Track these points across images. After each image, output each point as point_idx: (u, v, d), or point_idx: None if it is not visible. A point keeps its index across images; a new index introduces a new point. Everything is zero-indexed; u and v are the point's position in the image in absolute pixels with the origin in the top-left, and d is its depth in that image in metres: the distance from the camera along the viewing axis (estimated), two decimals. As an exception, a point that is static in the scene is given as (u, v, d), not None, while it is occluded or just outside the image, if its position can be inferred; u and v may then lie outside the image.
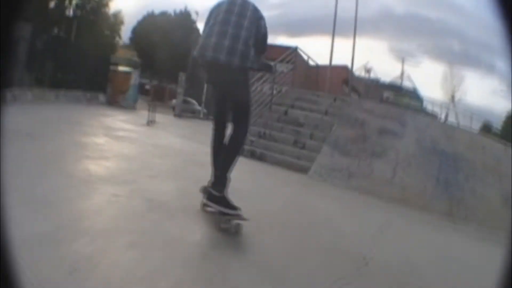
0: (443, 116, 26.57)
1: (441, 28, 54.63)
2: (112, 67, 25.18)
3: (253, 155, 10.36)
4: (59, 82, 20.51)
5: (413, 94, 33.74)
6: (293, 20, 63.02)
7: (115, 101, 23.42)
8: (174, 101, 32.42)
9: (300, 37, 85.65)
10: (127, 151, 8.14)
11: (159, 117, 16.34)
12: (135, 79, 25.64)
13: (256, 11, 4.30)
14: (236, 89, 4.25)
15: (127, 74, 25.50)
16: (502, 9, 1.76)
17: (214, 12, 4.36)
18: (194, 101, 34.22)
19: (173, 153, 9.12)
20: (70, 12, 33.37)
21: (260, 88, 13.14)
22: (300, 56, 18.94)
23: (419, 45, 66.71)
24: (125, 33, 45.86)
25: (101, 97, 23.47)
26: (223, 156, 4.20)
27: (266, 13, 4.43)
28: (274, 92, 13.01)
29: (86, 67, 22.50)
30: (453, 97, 38.69)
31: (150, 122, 14.66)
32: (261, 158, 10.32)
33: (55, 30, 29.70)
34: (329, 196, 7.95)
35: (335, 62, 27.41)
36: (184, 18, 49.80)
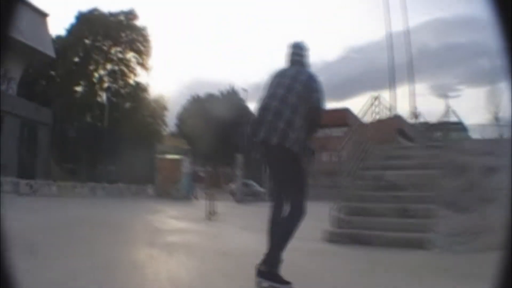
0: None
1: (472, 50, 54.90)
2: (159, 155, 22.74)
3: (353, 240, 8.26)
4: (99, 175, 18.49)
5: (459, 127, 33.23)
6: (337, 83, 63.76)
7: (166, 193, 20.63)
8: (232, 185, 30.17)
9: (347, 98, 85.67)
10: (183, 272, 4.74)
11: (219, 205, 13.06)
12: (186, 166, 22.94)
13: (309, 83, 4.12)
14: (282, 168, 4.13)
15: (177, 161, 22.90)
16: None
17: (267, 84, 4.29)
18: (254, 183, 31.14)
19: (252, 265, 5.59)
20: (103, 97, 32.06)
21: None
22: (352, 115, 17.12)
23: (455, 76, 68.86)
24: (171, 120, 44.28)
25: (149, 189, 20.85)
26: (276, 235, 4.06)
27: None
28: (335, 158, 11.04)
29: (129, 157, 20.27)
30: (497, 116, 37.31)
31: (211, 215, 11.32)
32: (363, 241, 8.21)
33: (88, 118, 28.12)
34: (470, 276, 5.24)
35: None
36: (232, 97, 48.23)
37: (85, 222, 8.53)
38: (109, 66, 36.57)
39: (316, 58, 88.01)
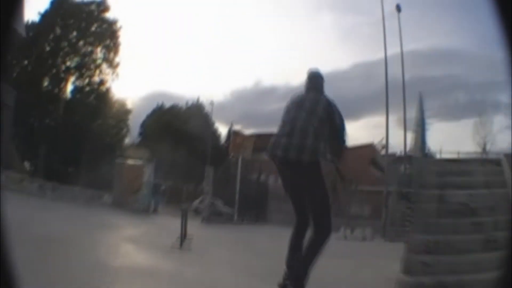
0: None
1: (447, 84, 55.22)
2: (119, 160, 19.99)
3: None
4: (55, 174, 17.46)
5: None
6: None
7: (124, 203, 17.82)
8: (195, 202, 27.53)
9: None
10: None
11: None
12: (149, 175, 20.18)
13: (328, 106, 4.31)
14: (309, 186, 4.15)
15: (139, 168, 20.12)
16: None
17: (287, 108, 4.46)
18: (219, 202, 28.39)
19: None
20: (67, 93, 29.63)
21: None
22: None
23: (426, 109, 68.44)
24: (134, 129, 41.61)
25: (106, 197, 18.13)
26: (304, 257, 4.04)
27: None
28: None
29: (88, 159, 18.03)
30: (484, 148, 38.18)
31: (184, 242, 8.35)
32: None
33: (54, 112, 25.83)
34: None
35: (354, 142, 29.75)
36: (197, 110, 46.21)
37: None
38: (76, 59, 34.08)
39: (280, 82, 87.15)
